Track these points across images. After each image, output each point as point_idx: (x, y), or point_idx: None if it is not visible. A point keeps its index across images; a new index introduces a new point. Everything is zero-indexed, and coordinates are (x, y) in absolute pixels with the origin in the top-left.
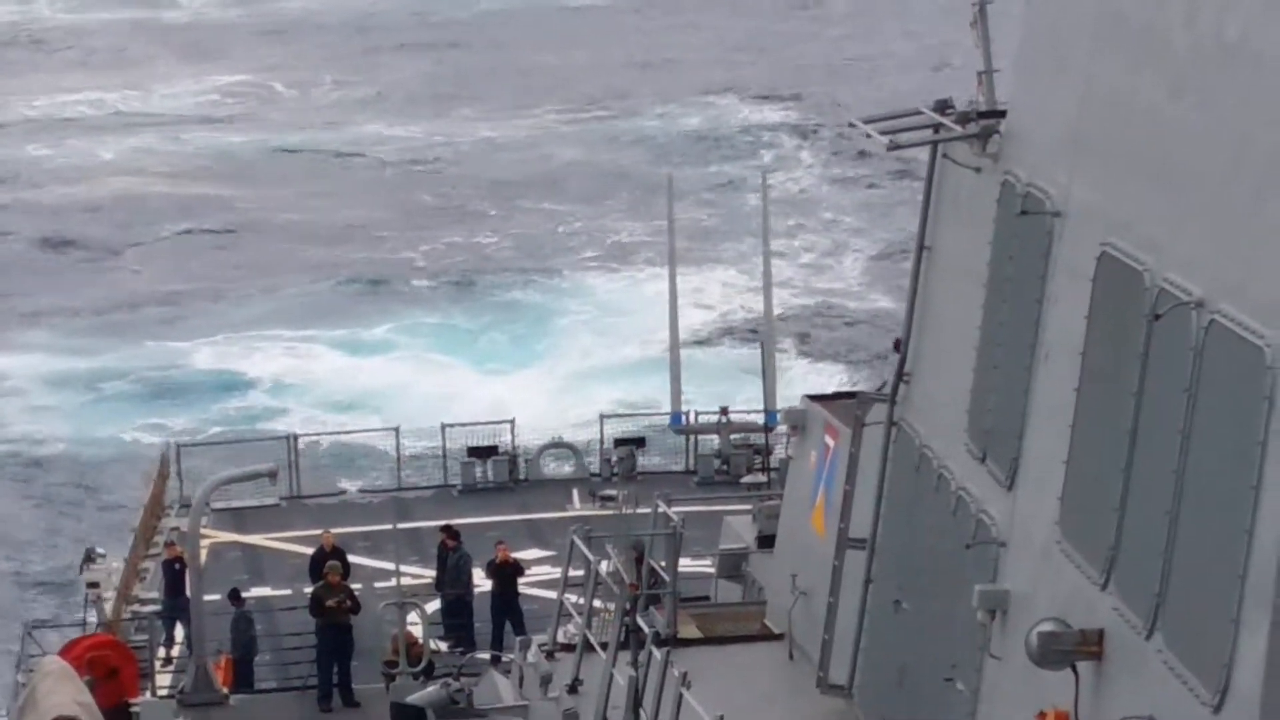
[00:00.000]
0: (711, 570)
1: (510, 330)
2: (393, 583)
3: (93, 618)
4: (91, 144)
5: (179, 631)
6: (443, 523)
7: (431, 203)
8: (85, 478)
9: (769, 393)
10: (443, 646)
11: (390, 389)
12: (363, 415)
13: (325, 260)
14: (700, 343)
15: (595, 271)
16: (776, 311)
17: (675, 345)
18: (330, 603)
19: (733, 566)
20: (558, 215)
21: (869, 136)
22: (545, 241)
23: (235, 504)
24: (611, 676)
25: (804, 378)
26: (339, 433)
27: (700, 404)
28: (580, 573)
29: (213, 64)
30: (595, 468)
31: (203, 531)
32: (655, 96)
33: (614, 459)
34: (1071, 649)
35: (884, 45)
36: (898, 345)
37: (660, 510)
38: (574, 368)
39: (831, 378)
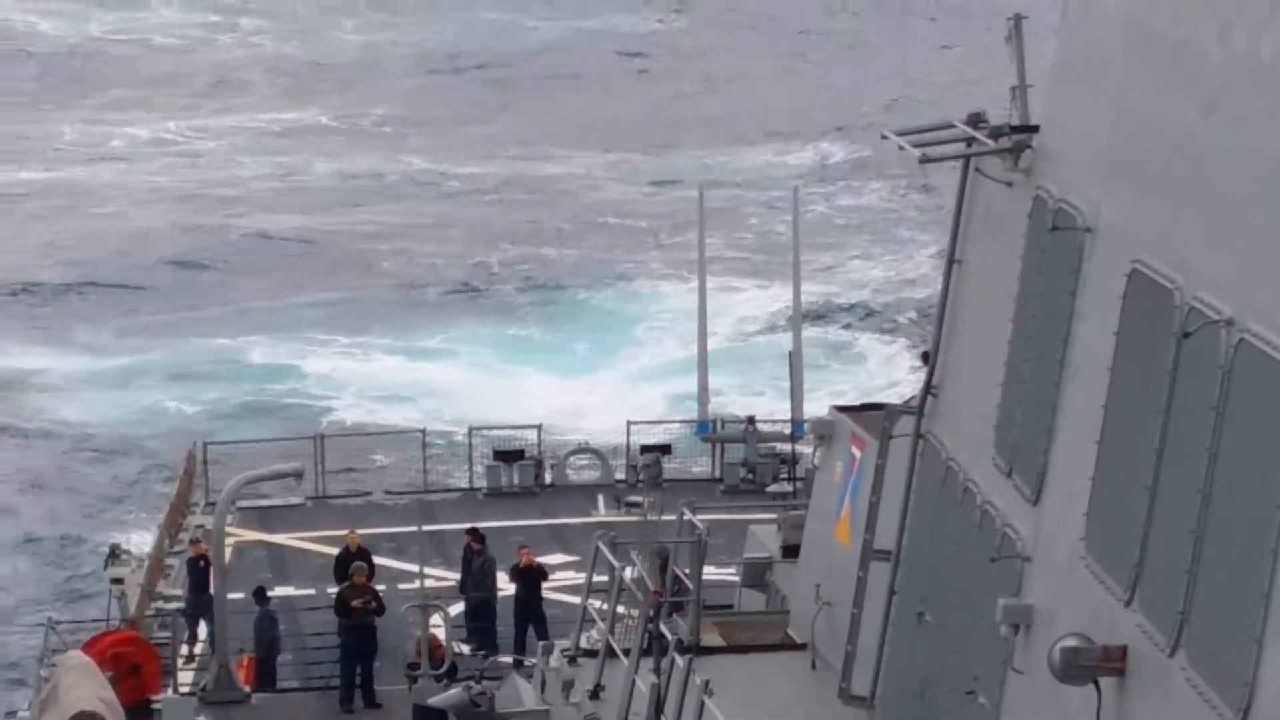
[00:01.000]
0: (735, 579)
1: (583, 337)
2: (416, 585)
3: (116, 613)
4: (149, 168)
5: (202, 629)
6: (468, 526)
7: (496, 219)
8: (121, 452)
9: (796, 403)
10: (465, 649)
11: (449, 391)
12: (406, 413)
13: (386, 272)
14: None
15: (665, 280)
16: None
17: (703, 356)
18: (356, 603)
19: (757, 575)
20: (627, 231)
21: (901, 149)
22: (613, 254)
23: (261, 503)
24: (633, 683)
25: (882, 367)
26: (368, 433)
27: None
28: (604, 578)
29: (268, 96)
30: (621, 474)
31: (228, 530)
32: (717, 134)
33: (640, 465)
34: (1094, 665)
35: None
36: (926, 358)
37: (685, 518)
38: (640, 366)
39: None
